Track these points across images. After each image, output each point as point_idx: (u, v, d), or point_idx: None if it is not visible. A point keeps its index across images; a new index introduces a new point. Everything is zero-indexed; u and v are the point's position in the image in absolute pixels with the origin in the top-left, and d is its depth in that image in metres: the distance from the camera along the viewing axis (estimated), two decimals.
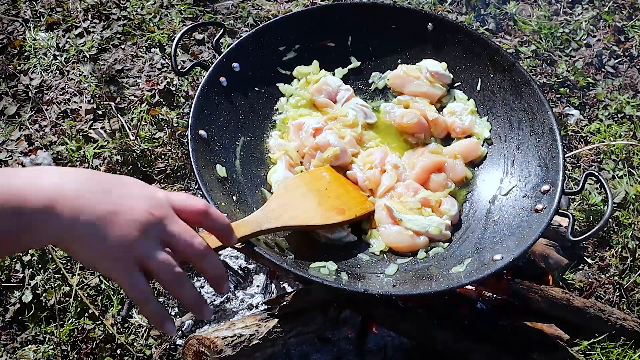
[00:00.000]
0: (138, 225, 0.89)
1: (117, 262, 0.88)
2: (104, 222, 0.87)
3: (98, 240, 0.87)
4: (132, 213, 0.89)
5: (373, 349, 1.83)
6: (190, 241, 0.94)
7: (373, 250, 1.55)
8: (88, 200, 0.87)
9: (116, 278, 0.90)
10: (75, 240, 0.86)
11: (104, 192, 0.89)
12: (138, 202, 0.91)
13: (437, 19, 1.82)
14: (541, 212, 1.49)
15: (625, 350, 1.89)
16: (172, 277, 0.92)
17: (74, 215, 0.85)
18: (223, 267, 1.02)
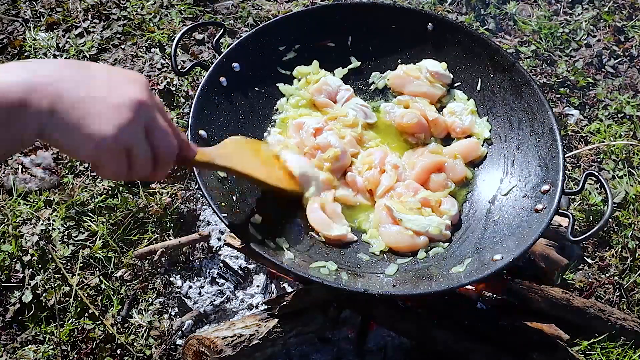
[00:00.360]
0: (128, 109, 0.86)
1: (102, 150, 0.85)
2: (86, 107, 0.83)
3: (78, 128, 0.83)
4: (121, 97, 0.86)
5: (373, 349, 1.83)
6: (171, 140, 0.94)
7: (373, 250, 1.55)
8: (66, 86, 0.83)
9: (100, 168, 0.89)
10: (57, 128, 0.82)
11: (85, 76, 0.85)
12: (129, 85, 0.88)
13: (437, 19, 1.82)
14: (541, 212, 1.49)
15: (625, 350, 1.89)
16: (147, 174, 0.93)
17: (51, 104, 0.81)
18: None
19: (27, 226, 2.08)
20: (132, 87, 0.89)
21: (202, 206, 2.15)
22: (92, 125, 0.83)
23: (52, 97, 0.81)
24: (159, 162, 0.94)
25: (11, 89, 0.80)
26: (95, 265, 2.01)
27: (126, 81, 0.89)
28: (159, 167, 0.95)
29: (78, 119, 0.83)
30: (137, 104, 0.87)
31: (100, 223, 2.07)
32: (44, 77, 0.82)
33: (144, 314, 1.94)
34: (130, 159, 0.89)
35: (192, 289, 1.99)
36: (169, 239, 2.06)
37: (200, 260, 2.04)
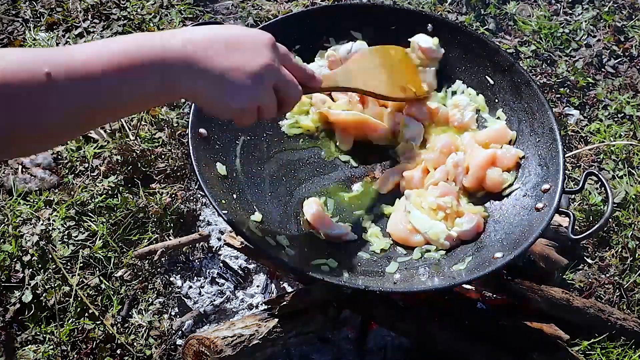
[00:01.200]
0: (259, 76, 1.07)
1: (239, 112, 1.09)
2: (226, 78, 1.04)
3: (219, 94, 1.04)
4: (253, 63, 1.07)
5: (373, 349, 1.83)
6: (295, 89, 1.18)
7: (373, 249, 1.55)
8: (214, 58, 1.03)
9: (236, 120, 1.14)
10: (202, 94, 1.04)
11: (228, 49, 1.05)
12: (257, 51, 1.09)
13: (437, 19, 1.81)
14: (542, 211, 1.49)
15: (625, 350, 1.89)
16: (273, 116, 1.18)
17: (203, 72, 1.01)
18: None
19: (27, 226, 2.08)
20: (261, 51, 1.09)
21: (202, 206, 2.15)
22: (230, 95, 1.06)
23: (202, 66, 1.01)
24: (284, 106, 1.18)
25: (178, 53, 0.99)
26: (95, 265, 2.01)
27: (257, 46, 1.09)
28: (285, 109, 1.19)
29: (220, 91, 1.04)
30: (265, 67, 1.08)
31: (100, 223, 2.07)
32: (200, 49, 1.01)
33: (144, 314, 1.94)
34: (260, 110, 1.13)
35: (192, 289, 1.99)
36: (169, 239, 2.05)
37: (200, 260, 2.04)
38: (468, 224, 1.54)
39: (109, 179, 2.16)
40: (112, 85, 0.92)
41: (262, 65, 1.07)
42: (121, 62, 0.92)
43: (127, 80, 0.93)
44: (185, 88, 1.01)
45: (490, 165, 1.62)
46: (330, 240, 1.54)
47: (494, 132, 1.69)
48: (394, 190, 1.68)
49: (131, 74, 0.93)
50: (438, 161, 1.66)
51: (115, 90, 0.93)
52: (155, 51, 0.96)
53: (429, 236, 1.54)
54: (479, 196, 1.64)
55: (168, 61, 0.97)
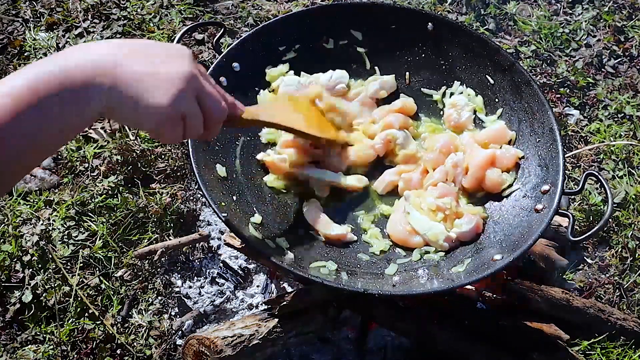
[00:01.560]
0: (180, 81, 0.97)
1: (161, 120, 0.96)
2: (144, 83, 0.94)
3: (138, 103, 0.93)
4: (172, 71, 0.97)
5: (373, 349, 1.83)
6: (220, 104, 1.07)
7: (373, 250, 1.55)
8: (126, 66, 0.93)
9: (159, 134, 1.01)
10: (119, 104, 0.93)
11: (142, 56, 0.96)
12: (177, 60, 1.00)
13: (437, 19, 1.81)
14: (541, 212, 1.49)
15: (625, 350, 1.89)
16: (199, 134, 1.07)
17: (113, 82, 0.91)
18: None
19: (27, 226, 2.08)
20: (180, 60, 1.00)
21: (202, 206, 2.15)
22: (150, 99, 0.94)
23: (113, 76, 0.91)
24: (209, 123, 1.06)
25: (76, 71, 0.89)
26: (95, 265, 2.01)
27: (175, 55, 1.00)
28: (210, 127, 1.07)
29: (137, 94, 0.93)
30: (187, 75, 0.99)
31: (100, 223, 2.07)
32: (105, 58, 0.92)
33: (144, 314, 1.94)
34: (185, 123, 1.01)
35: (192, 289, 1.99)
36: (169, 239, 2.06)
37: (200, 260, 2.04)
38: (467, 225, 1.54)
39: (109, 179, 2.16)
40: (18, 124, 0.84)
41: (183, 72, 0.98)
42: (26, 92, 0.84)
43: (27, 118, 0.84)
44: (98, 108, 0.91)
45: (490, 166, 1.62)
46: (330, 241, 1.54)
47: (494, 132, 1.69)
48: (393, 192, 1.68)
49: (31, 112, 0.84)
50: (437, 161, 1.66)
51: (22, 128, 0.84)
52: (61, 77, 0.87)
53: (428, 237, 1.54)
54: (479, 197, 1.64)
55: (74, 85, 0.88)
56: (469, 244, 1.55)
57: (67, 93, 0.87)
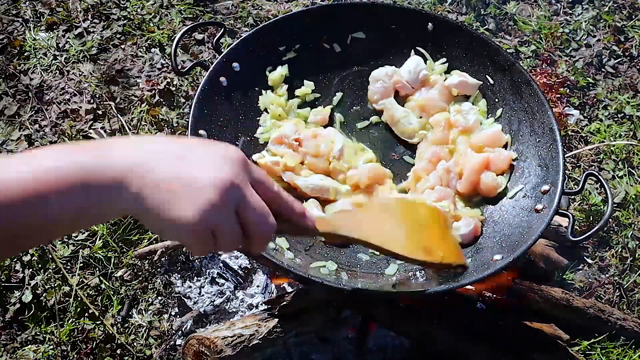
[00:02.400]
0: (214, 191, 0.84)
1: (188, 234, 0.84)
2: (169, 190, 0.82)
3: (162, 211, 0.82)
4: (205, 177, 0.84)
5: (373, 349, 1.83)
6: (265, 218, 0.91)
7: (373, 251, 1.55)
8: (156, 169, 0.83)
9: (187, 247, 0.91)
10: (142, 211, 0.83)
11: (177, 160, 0.85)
12: (217, 164, 0.86)
13: (437, 19, 1.81)
14: (541, 212, 1.49)
15: (625, 350, 1.89)
16: (235, 249, 0.92)
17: (141, 190, 0.81)
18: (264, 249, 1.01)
19: None
20: (220, 164, 0.86)
21: None
22: (174, 210, 0.82)
23: (141, 179, 0.82)
24: (251, 239, 0.91)
25: (109, 171, 0.81)
26: (95, 265, 2.01)
27: (217, 159, 0.87)
28: (253, 243, 0.92)
29: (161, 203, 0.82)
30: (223, 183, 0.84)
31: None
32: (139, 159, 0.83)
33: (144, 314, 1.94)
34: (216, 236, 0.87)
35: (192, 289, 1.99)
36: None
37: (200, 260, 2.04)
38: (466, 228, 1.54)
39: None
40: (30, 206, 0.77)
41: (219, 180, 0.84)
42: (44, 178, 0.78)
43: (46, 200, 0.78)
44: (119, 210, 0.83)
45: (484, 169, 1.61)
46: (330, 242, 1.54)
47: (489, 136, 1.69)
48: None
49: (52, 195, 0.78)
50: (427, 170, 1.66)
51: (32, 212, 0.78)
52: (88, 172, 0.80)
53: None
54: (475, 200, 1.64)
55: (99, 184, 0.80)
56: (467, 246, 1.55)
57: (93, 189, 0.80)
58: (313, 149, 1.64)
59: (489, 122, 1.74)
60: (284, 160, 1.62)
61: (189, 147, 0.88)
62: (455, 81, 1.75)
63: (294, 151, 1.63)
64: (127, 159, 0.82)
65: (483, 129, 1.72)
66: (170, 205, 0.82)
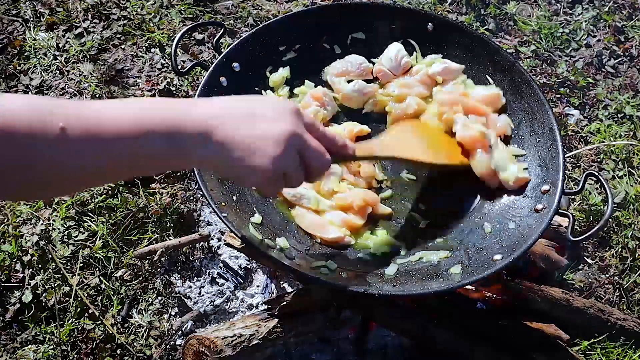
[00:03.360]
0: (282, 142, 1.02)
1: (263, 179, 1.03)
2: (247, 144, 0.99)
3: (243, 162, 1.00)
4: (274, 132, 1.02)
5: (373, 349, 1.83)
6: (323, 157, 1.12)
7: (373, 251, 1.55)
8: (233, 129, 0.99)
9: (261, 190, 1.14)
10: (222, 161, 1.00)
11: (248, 117, 1.02)
12: (280, 119, 1.04)
13: (437, 19, 1.81)
14: (541, 212, 1.49)
15: (625, 350, 1.89)
16: (300, 184, 1.13)
17: (220, 143, 0.97)
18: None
19: (27, 226, 2.08)
20: (283, 119, 1.05)
21: (202, 206, 2.15)
22: (253, 161, 1.00)
23: (223, 136, 0.98)
24: (312, 174, 1.13)
25: (195, 125, 0.96)
26: (95, 265, 2.01)
27: (278, 114, 1.05)
28: (313, 177, 1.14)
29: (241, 155, 0.99)
30: (288, 134, 1.03)
31: (100, 223, 2.07)
32: (215, 114, 0.99)
33: (144, 314, 1.94)
34: (286, 178, 1.08)
35: (192, 289, 1.99)
36: (169, 239, 2.06)
37: (200, 260, 2.04)
38: (523, 173, 1.61)
39: None
40: (125, 149, 0.91)
41: (284, 131, 1.03)
42: (137, 126, 0.91)
43: (139, 145, 0.91)
44: (199, 158, 0.99)
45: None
46: (328, 244, 1.54)
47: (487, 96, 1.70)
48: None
49: (143, 141, 0.91)
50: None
51: (128, 153, 0.91)
52: (173, 121, 0.94)
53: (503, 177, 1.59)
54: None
55: (184, 132, 0.95)
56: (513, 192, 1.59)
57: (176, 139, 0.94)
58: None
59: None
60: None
61: (253, 104, 1.05)
62: (439, 69, 1.75)
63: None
64: (206, 116, 0.98)
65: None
66: (248, 156, 1.00)
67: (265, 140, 1.01)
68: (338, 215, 1.57)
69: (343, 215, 1.57)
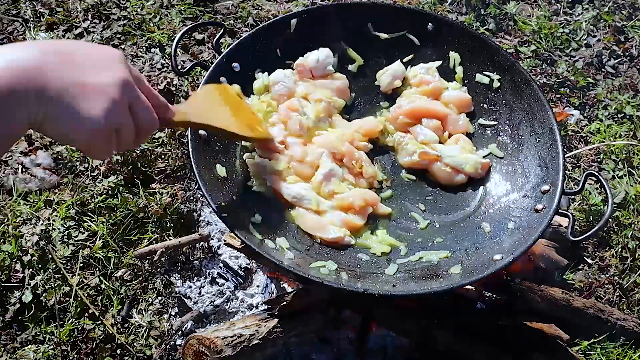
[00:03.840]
0: (113, 90, 0.88)
1: (93, 137, 0.88)
2: (74, 93, 0.84)
3: (69, 115, 0.84)
4: (104, 80, 0.88)
5: (373, 349, 1.83)
6: (152, 113, 0.99)
7: (373, 251, 1.55)
8: (55, 72, 0.83)
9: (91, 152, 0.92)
10: (46, 118, 0.83)
11: (71, 62, 0.86)
12: (111, 65, 0.90)
13: (437, 19, 1.81)
14: (541, 212, 1.49)
15: (625, 350, 1.89)
16: (131, 146, 0.99)
17: (40, 91, 0.81)
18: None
19: (27, 226, 2.08)
20: (113, 65, 0.90)
21: (202, 206, 2.15)
22: (81, 112, 0.84)
23: (39, 84, 0.81)
24: (141, 134, 0.99)
25: (6, 78, 0.78)
26: (95, 265, 2.01)
27: (106, 59, 0.91)
28: (141, 137, 1.00)
29: (68, 106, 0.83)
30: (120, 82, 0.89)
31: (100, 223, 2.07)
32: (30, 62, 0.81)
33: (144, 314, 1.94)
34: (118, 136, 0.93)
35: (192, 289, 1.99)
36: (169, 239, 2.06)
37: (200, 260, 2.04)
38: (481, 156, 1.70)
39: (109, 179, 2.16)
40: None
41: (116, 80, 0.89)
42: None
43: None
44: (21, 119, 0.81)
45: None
46: (327, 244, 1.54)
47: (456, 97, 1.76)
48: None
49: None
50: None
51: None
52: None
53: (467, 170, 1.65)
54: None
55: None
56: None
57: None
58: (299, 154, 1.62)
59: (454, 85, 1.79)
60: (271, 164, 1.60)
61: (74, 47, 0.89)
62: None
63: (279, 154, 1.62)
64: (17, 66, 0.79)
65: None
66: (78, 107, 0.84)
67: (95, 89, 0.86)
68: (338, 216, 1.57)
69: (343, 215, 1.57)
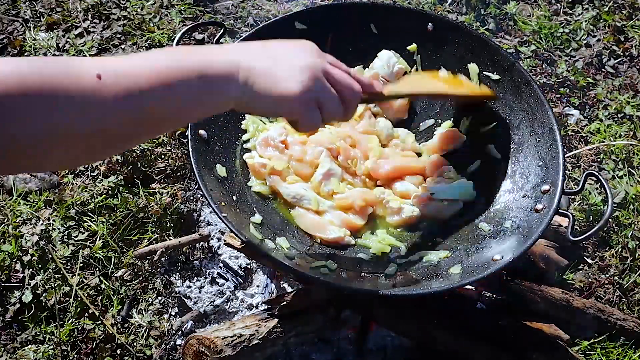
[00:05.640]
0: (306, 68, 1.06)
1: (296, 106, 1.06)
2: (272, 73, 1.04)
3: (271, 90, 1.03)
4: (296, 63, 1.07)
5: (373, 349, 1.83)
6: (353, 85, 1.15)
7: (373, 251, 1.55)
8: (255, 61, 1.03)
9: (299, 123, 1.11)
10: (253, 95, 1.03)
11: (268, 52, 1.07)
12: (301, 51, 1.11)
13: (437, 19, 1.81)
14: (541, 212, 1.49)
15: (625, 350, 1.89)
16: (340, 115, 1.14)
17: (246, 76, 1.02)
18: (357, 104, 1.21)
19: (27, 226, 2.08)
20: (304, 51, 1.10)
21: (202, 206, 2.15)
22: (280, 87, 1.03)
23: (247, 71, 1.02)
24: (346, 102, 1.13)
25: (221, 65, 1.00)
26: (95, 265, 2.01)
27: (299, 48, 1.11)
28: (348, 106, 1.15)
29: (268, 85, 1.03)
30: (311, 62, 1.08)
31: (100, 223, 2.07)
32: (239, 57, 1.03)
33: (144, 314, 1.94)
34: (321, 106, 1.09)
35: (192, 289, 1.99)
36: (169, 239, 2.05)
37: (200, 260, 2.04)
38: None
39: (109, 179, 2.16)
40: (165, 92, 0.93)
41: (308, 59, 1.08)
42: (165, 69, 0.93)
43: (170, 86, 0.93)
44: (227, 98, 1.02)
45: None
46: (327, 244, 1.54)
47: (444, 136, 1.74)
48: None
49: (174, 82, 0.94)
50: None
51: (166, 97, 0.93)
52: (202, 63, 0.98)
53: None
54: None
55: (213, 73, 0.99)
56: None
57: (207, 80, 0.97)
58: (299, 153, 1.62)
59: (446, 124, 1.77)
60: (271, 163, 1.60)
61: (272, 43, 1.11)
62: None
63: (280, 153, 1.62)
64: (231, 60, 1.02)
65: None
66: (277, 85, 1.03)
67: (290, 68, 1.05)
68: (338, 216, 1.57)
69: (343, 215, 1.57)
